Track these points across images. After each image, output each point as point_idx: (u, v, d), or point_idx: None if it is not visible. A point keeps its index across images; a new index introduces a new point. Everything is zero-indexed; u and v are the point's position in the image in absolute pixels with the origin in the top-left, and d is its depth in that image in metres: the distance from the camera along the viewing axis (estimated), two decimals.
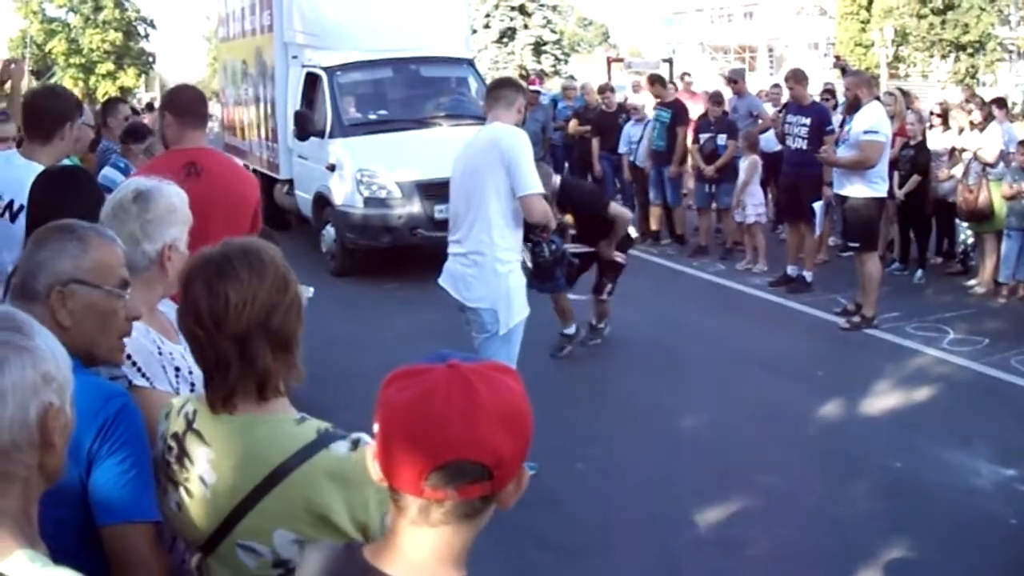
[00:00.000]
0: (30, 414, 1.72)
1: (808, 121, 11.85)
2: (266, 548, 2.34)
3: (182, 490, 2.44)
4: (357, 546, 1.87)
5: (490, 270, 6.43)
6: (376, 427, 1.72)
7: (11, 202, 5.04)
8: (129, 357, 2.87)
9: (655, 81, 15.77)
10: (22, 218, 4.56)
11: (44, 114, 5.36)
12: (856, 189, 10.34)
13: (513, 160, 6.28)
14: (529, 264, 7.18)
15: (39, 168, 4.74)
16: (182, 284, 2.44)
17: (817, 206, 11.75)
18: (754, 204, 13.54)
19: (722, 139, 14.14)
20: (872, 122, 10.13)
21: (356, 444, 2.35)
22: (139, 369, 2.89)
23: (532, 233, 7.23)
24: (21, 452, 1.72)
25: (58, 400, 1.78)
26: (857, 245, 10.60)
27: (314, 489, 2.30)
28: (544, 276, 8.05)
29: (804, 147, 11.75)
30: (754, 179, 13.56)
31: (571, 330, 9.85)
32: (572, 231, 9.34)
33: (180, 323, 2.45)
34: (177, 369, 2.98)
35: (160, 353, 2.98)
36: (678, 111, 14.82)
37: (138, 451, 2.45)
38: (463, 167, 6.61)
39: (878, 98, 10.96)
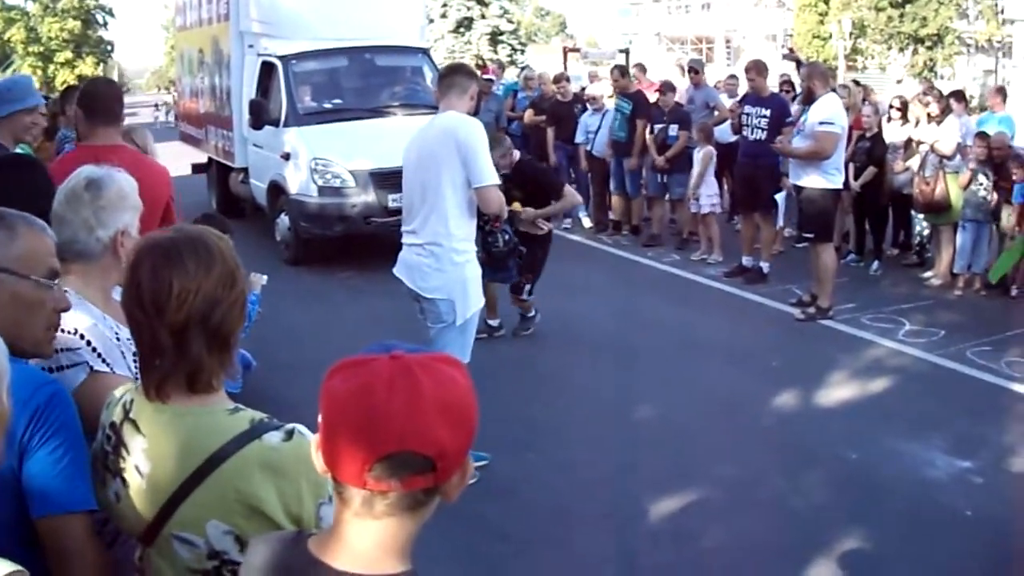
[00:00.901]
0: None
1: (768, 113, 11.87)
2: (200, 539, 2.30)
3: (120, 480, 2.39)
4: (303, 537, 1.85)
5: (447, 260, 6.37)
6: (320, 418, 1.70)
7: None
8: (89, 343, 2.86)
9: (624, 73, 15.76)
10: None
11: None
12: (812, 180, 10.37)
13: (469, 150, 6.20)
14: (481, 253, 7.13)
15: None
16: (128, 265, 2.38)
17: (779, 198, 11.76)
18: (708, 195, 13.58)
19: (673, 130, 14.10)
20: (828, 113, 10.16)
21: (290, 435, 2.30)
22: (99, 355, 2.88)
23: (484, 223, 7.18)
24: None
25: None
26: (812, 236, 10.62)
27: (246, 479, 2.25)
28: (498, 266, 8.04)
29: (763, 138, 11.78)
30: (709, 170, 13.57)
31: (496, 322, 10.00)
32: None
33: (122, 304, 2.39)
34: (135, 354, 2.93)
35: (118, 339, 2.96)
36: (639, 103, 14.81)
37: (71, 439, 2.40)
38: (417, 156, 6.52)
39: (834, 90, 10.98)
